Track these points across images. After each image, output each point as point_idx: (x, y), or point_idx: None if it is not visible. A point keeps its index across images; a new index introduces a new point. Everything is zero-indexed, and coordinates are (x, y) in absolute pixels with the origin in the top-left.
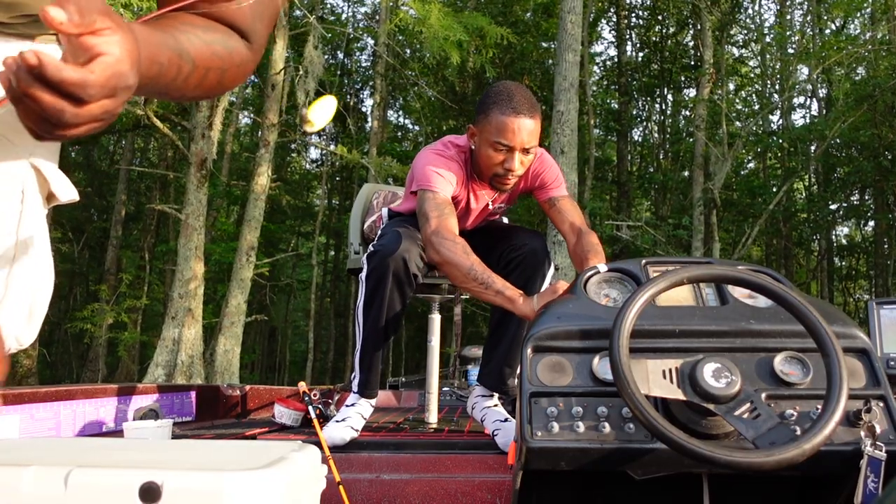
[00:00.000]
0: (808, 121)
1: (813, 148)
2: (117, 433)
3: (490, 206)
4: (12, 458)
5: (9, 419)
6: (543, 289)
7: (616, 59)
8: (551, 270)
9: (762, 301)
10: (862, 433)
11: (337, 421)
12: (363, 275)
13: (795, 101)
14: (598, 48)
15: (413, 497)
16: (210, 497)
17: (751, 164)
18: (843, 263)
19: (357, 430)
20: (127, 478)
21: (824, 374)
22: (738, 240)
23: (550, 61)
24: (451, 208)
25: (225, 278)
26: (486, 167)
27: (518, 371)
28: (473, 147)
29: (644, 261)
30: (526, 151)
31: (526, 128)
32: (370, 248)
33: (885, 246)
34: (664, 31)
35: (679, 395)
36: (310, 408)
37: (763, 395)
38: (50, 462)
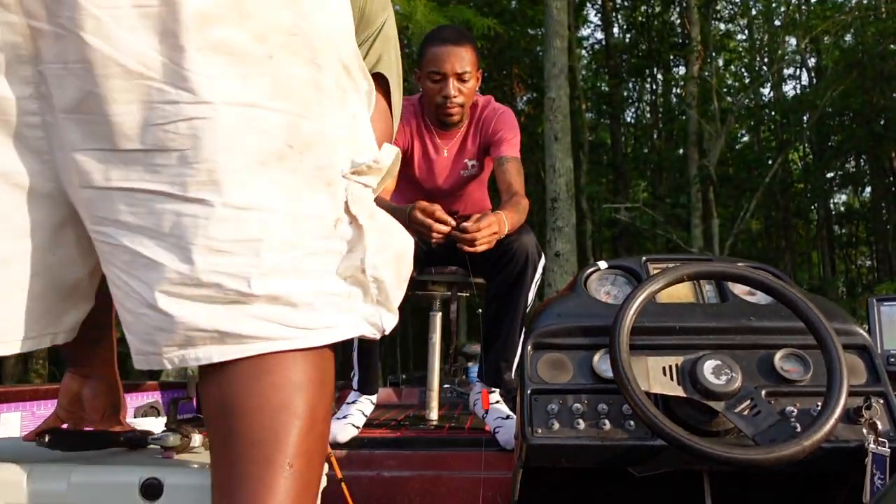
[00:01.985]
0: (798, 91)
1: (805, 118)
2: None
3: (464, 166)
4: (15, 456)
5: (11, 417)
6: (535, 282)
7: (604, 42)
8: (542, 262)
9: (762, 298)
10: (864, 430)
11: (338, 418)
12: None
13: (785, 72)
14: (585, 32)
15: (414, 494)
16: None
17: (745, 139)
18: (843, 231)
19: (358, 428)
20: (128, 475)
21: (824, 371)
22: (736, 214)
23: (539, 48)
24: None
25: None
26: (430, 102)
27: (514, 365)
28: (421, 90)
29: (644, 258)
30: (461, 79)
31: (454, 53)
32: None
33: (884, 211)
34: (650, 10)
35: (679, 392)
36: None
37: (763, 392)
38: (52, 459)
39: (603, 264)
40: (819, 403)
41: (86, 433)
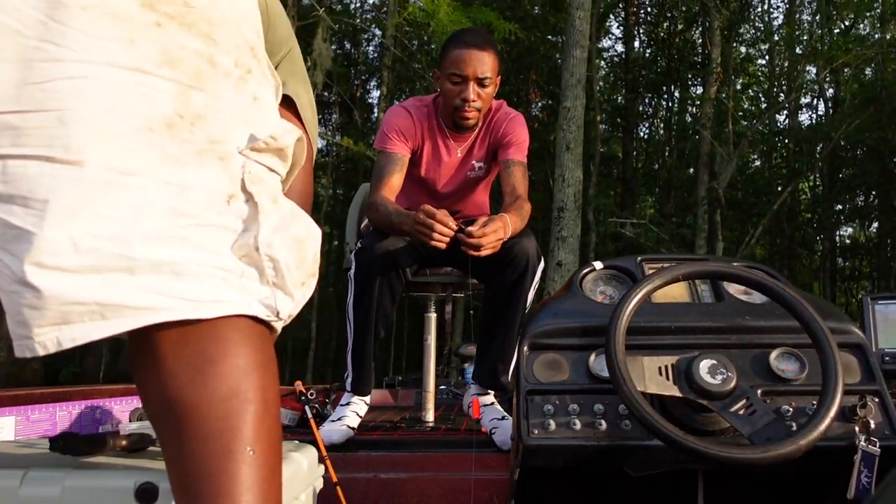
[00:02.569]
0: (814, 121)
1: (819, 148)
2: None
3: (471, 168)
4: (9, 461)
5: (4, 421)
6: (534, 285)
7: (623, 56)
8: (541, 266)
9: (757, 297)
10: (857, 428)
11: (332, 420)
12: (352, 273)
13: (802, 100)
14: (605, 43)
15: (410, 495)
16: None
17: (756, 163)
18: (847, 264)
19: (353, 429)
20: (123, 479)
21: (820, 370)
22: (741, 239)
23: (558, 56)
24: (397, 165)
25: None
26: (447, 104)
27: (511, 367)
28: (439, 89)
29: (640, 258)
30: (481, 84)
31: (477, 57)
32: (357, 244)
33: (889, 247)
34: (672, 28)
35: (675, 391)
36: (306, 407)
37: (759, 391)
38: (47, 464)
39: (598, 265)
40: (814, 402)
41: (93, 436)
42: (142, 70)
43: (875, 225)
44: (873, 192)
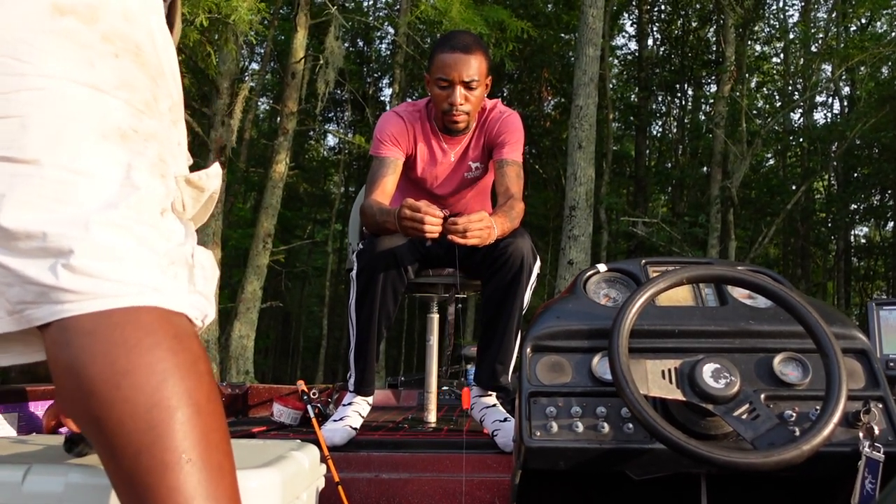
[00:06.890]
0: (829, 119)
1: (833, 147)
2: None
3: (468, 168)
4: (11, 458)
5: (7, 417)
6: (531, 285)
7: (637, 54)
8: (537, 265)
9: (762, 301)
10: (860, 434)
11: (335, 420)
12: (354, 273)
13: (817, 99)
14: (618, 41)
15: (412, 496)
16: None
17: (770, 162)
18: (861, 264)
19: (355, 429)
20: None
21: (823, 375)
22: (754, 238)
23: (571, 54)
24: (389, 168)
25: (241, 264)
26: (437, 108)
27: (511, 368)
28: (430, 94)
29: (644, 261)
30: (468, 87)
31: (462, 62)
32: (359, 245)
33: None
34: (686, 25)
35: (678, 395)
36: (308, 407)
37: (762, 396)
38: (49, 461)
39: (602, 267)
40: (818, 407)
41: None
42: (99, 89)
43: (890, 224)
44: (889, 192)
